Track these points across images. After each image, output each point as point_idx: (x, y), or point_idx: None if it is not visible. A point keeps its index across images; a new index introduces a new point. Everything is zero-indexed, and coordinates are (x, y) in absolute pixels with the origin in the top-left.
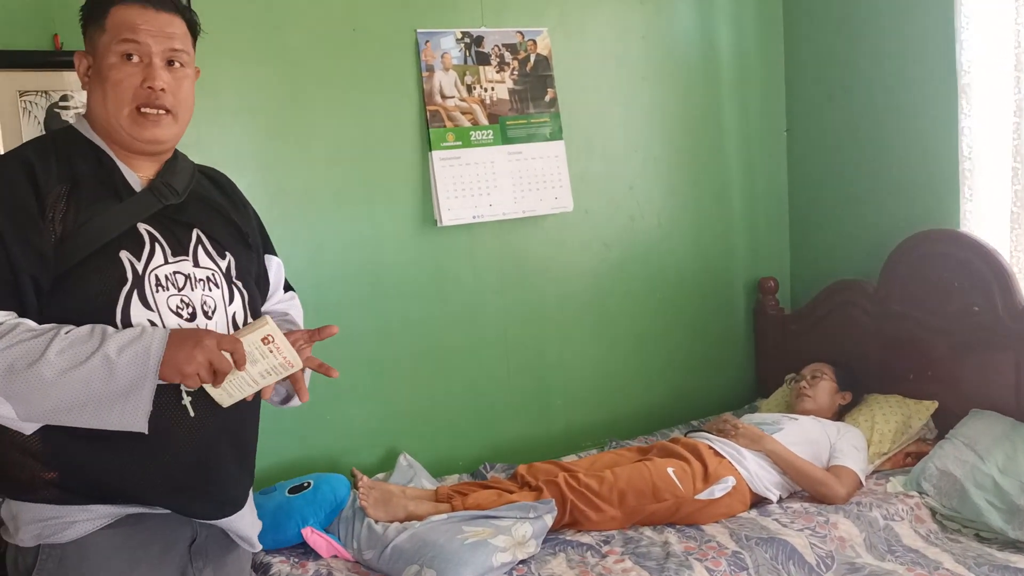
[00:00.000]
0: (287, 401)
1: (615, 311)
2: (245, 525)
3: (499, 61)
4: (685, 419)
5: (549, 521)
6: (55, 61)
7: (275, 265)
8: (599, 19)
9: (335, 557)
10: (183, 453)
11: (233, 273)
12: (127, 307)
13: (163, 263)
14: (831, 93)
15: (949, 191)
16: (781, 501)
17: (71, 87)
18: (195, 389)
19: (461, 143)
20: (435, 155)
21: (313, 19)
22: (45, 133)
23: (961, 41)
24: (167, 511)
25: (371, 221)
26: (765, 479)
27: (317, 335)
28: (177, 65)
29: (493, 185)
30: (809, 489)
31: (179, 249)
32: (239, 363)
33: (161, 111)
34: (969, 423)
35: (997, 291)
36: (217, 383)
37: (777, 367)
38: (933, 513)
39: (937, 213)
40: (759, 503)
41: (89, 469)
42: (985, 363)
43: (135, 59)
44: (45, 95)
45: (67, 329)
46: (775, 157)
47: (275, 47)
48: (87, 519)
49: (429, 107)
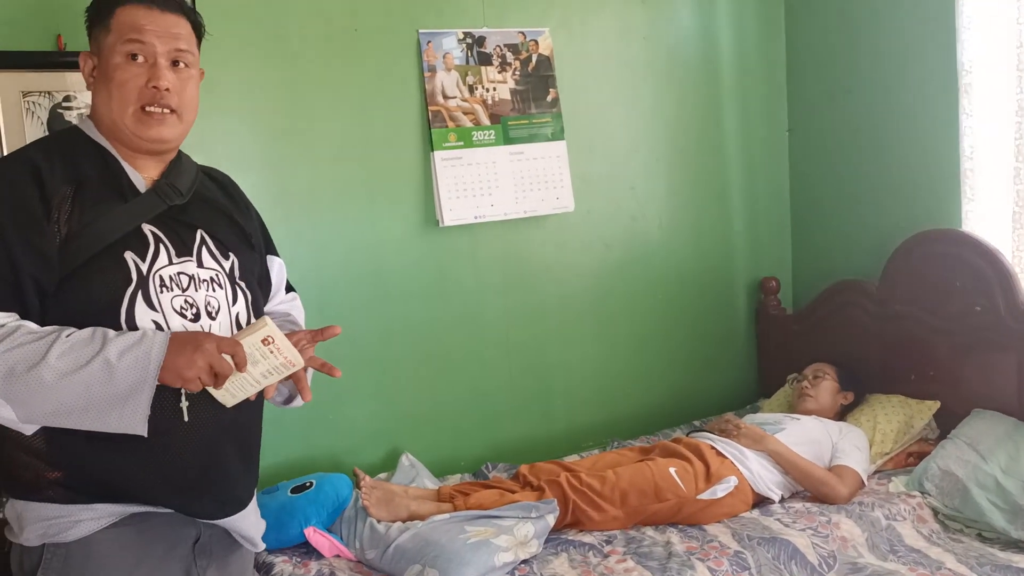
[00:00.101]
0: (290, 401)
1: (617, 311)
2: (248, 525)
3: (501, 61)
4: (687, 419)
5: (551, 521)
6: (58, 62)
7: (277, 266)
8: (601, 19)
9: (337, 557)
10: (186, 453)
11: (237, 274)
12: (131, 308)
13: (167, 264)
14: (832, 93)
15: (951, 191)
16: (783, 501)
17: (74, 88)
18: (194, 394)
19: (463, 143)
20: (437, 155)
21: (315, 20)
22: (50, 134)
23: (962, 41)
24: (171, 510)
25: (373, 221)
26: (767, 479)
27: (320, 335)
28: (182, 66)
29: (495, 185)
30: (811, 489)
31: (183, 250)
32: (240, 365)
33: (166, 110)
34: (971, 423)
35: (999, 291)
36: (218, 385)
37: (779, 367)
38: (935, 513)
39: (939, 213)
40: (761, 503)
41: (93, 469)
42: (987, 363)
43: (140, 59)
44: (48, 96)
45: (68, 332)
46: (777, 157)
47: (278, 48)
48: (91, 518)
49: (431, 107)
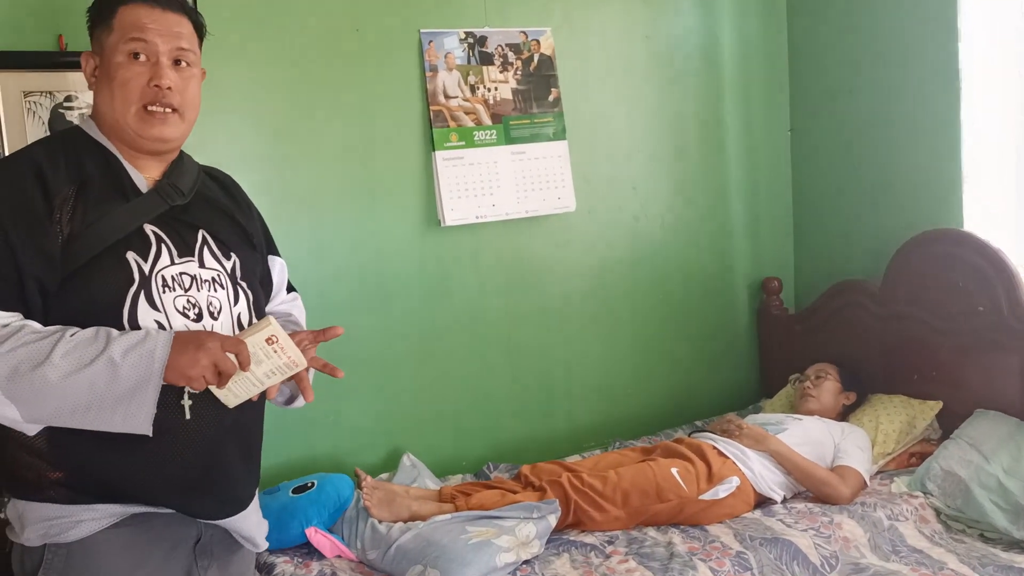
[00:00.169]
0: (291, 402)
1: (618, 311)
2: (250, 525)
3: (502, 61)
4: (689, 419)
5: (553, 521)
6: (60, 62)
7: (278, 266)
8: (603, 19)
9: (339, 557)
10: (188, 454)
11: (238, 274)
12: (134, 308)
13: (169, 264)
14: (834, 93)
15: (953, 191)
16: (785, 501)
17: (76, 88)
18: (197, 393)
19: (464, 143)
20: (438, 155)
21: (317, 20)
22: (52, 134)
23: (964, 41)
24: (172, 511)
25: (374, 221)
26: (769, 479)
27: (322, 336)
28: (184, 65)
29: (496, 185)
30: (813, 489)
31: (185, 250)
32: (243, 364)
33: (168, 109)
34: (974, 423)
35: (1001, 291)
36: (221, 384)
37: (781, 367)
38: (937, 513)
39: (941, 213)
40: (763, 503)
41: (95, 469)
42: (990, 363)
43: (142, 58)
44: (50, 96)
45: (72, 331)
46: (779, 157)
47: (279, 48)
48: (93, 518)
49: (432, 107)
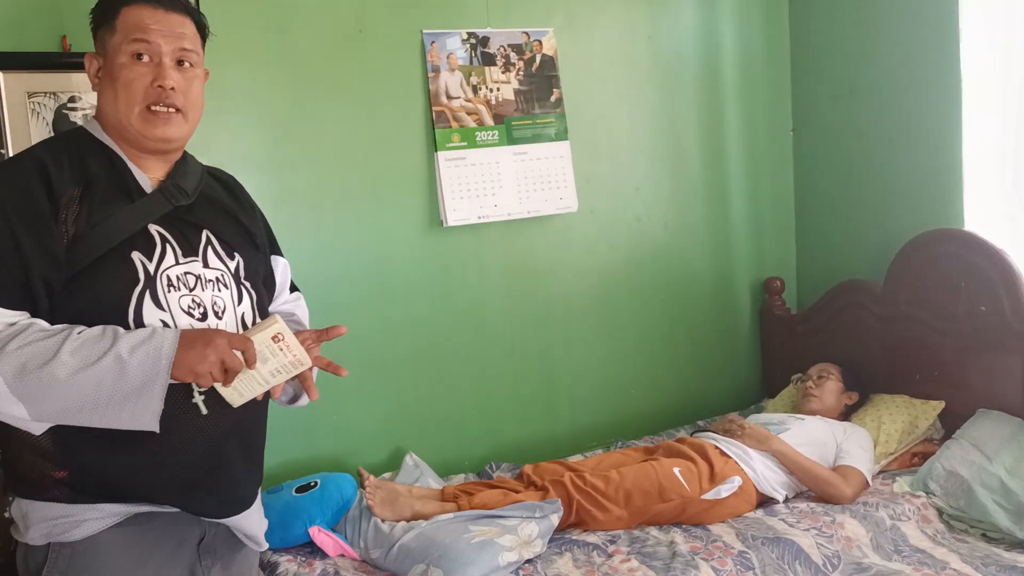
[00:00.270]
0: (295, 401)
1: (621, 311)
2: (253, 524)
3: (505, 62)
4: (691, 419)
5: (555, 521)
6: (63, 63)
7: (281, 266)
8: (605, 19)
9: (342, 556)
10: (193, 453)
11: (242, 274)
12: (139, 307)
13: (174, 264)
14: (837, 93)
15: (955, 191)
16: (787, 501)
17: (79, 89)
18: (206, 389)
19: (466, 143)
20: (440, 155)
21: (319, 21)
22: (56, 135)
23: (965, 41)
24: (176, 510)
25: (377, 221)
26: (771, 479)
27: (325, 335)
28: (187, 65)
29: (498, 186)
30: (815, 489)
31: (189, 250)
32: (250, 362)
33: (171, 109)
34: (976, 423)
35: (1004, 291)
36: (228, 382)
37: (783, 367)
38: (940, 513)
39: (943, 213)
40: (765, 503)
41: (99, 468)
42: (992, 363)
43: (145, 59)
44: (53, 96)
45: (79, 329)
46: (781, 157)
47: (282, 49)
48: (96, 518)
49: (435, 108)
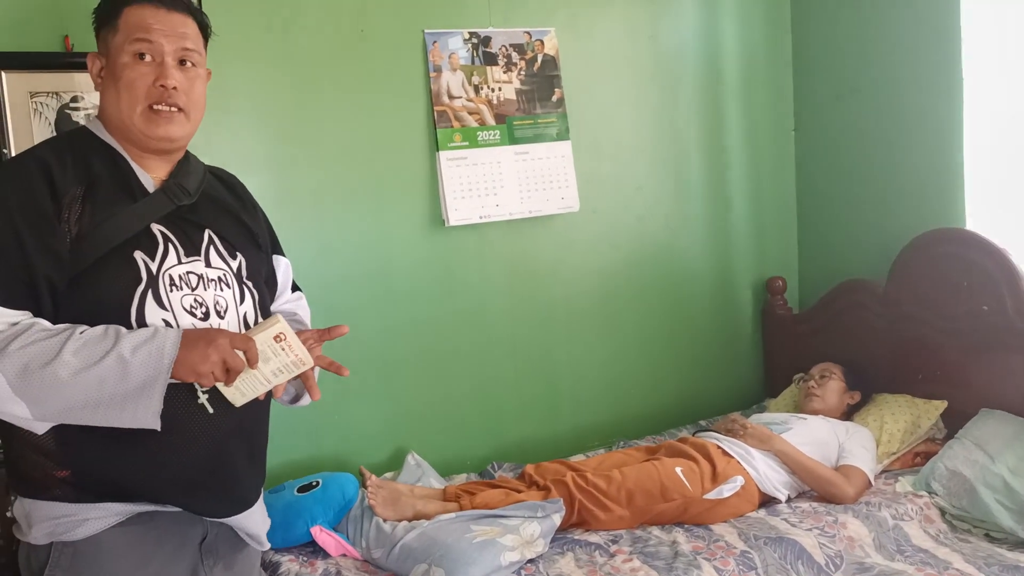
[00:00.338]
0: (296, 400)
1: (623, 311)
2: (255, 523)
3: (506, 61)
4: (693, 419)
5: (557, 520)
6: (66, 63)
7: (283, 266)
8: (606, 19)
9: (344, 556)
10: (196, 452)
11: (244, 273)
12: (142, 307)
13: (176, 263)
14: (839, 93)
15: (957, 190)
16: (790, 501)
17: (82, 88)
18: (209, 388)
19: (468, 143)
20: (442, 155)
21: (321, 21)
22: (59, 134)
23: (967, 41)
24: (178, 509)
25: (379, 221)
26: (774, 479)
27: (327, 335)
28: (189, 65)
29: (500, 185)
30: (818, 489)
31: (192, 250)
32: (252, 361)
33: (174, 109)
34: (979, 423)
35: (1006, 291)
36: (230, 382)
37: (785, 367)
38: (942, 513)
39: (945, 212)
40: (767, 503)
41: (102, 467)
42: (994, 363)
43: (148, 58)
44: (56, 96)
45: (82, 329)
46: (783, 157)
47: (284, 49)
48: (99, 517)
49: (436, 107)
